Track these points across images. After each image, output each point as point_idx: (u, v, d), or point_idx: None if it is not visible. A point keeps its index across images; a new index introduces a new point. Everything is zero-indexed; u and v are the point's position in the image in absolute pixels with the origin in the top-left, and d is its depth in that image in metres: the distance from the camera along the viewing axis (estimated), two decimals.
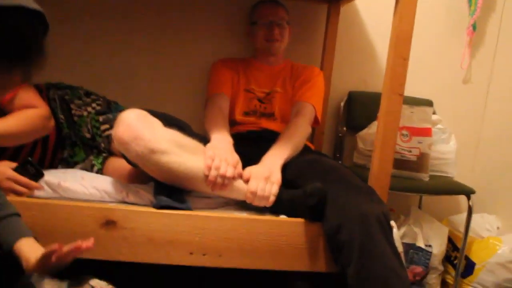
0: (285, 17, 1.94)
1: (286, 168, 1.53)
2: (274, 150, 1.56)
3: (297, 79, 1.94)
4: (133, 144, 1.31)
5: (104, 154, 1.65)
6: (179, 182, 1.38)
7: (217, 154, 1.40)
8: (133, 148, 1.31)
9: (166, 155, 1.32)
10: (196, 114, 2.09)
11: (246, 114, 1.93)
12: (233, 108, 1.92)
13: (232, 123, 1.89)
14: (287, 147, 1.58)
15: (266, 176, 1.40)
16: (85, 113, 1.65)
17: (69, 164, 1.66)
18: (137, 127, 1.32)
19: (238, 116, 1.91)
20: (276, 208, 1.41)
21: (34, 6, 0.58)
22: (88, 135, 1.64)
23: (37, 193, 1.36)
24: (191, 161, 1.36)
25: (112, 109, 1.71)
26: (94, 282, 0.99)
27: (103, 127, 1.64)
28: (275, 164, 1.49)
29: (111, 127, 1.59)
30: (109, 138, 1.62)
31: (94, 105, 1.68)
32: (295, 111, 1.82)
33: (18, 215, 1.06)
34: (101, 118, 1.65)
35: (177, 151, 1.34)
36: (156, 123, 1.37)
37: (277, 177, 1.43)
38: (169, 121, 1.43)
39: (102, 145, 1.64)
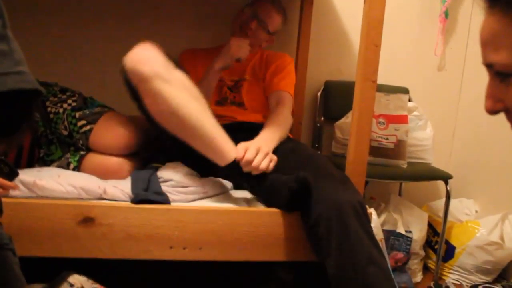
0: (275, 26, 1.93)
1: None
2: (263, 135, 1.57)
3: (268, 68, 1.93)
4: (140, 64, 1.32)
5: (81, 152, 1.63)
6: (172, 124, 1.38)
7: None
8: (140, 68, 1.32)
9: (168, 84, 1.33)
10: None
11: (218, 103, 1.91)
12: None
13: None
14: (274, 136, 1.59)
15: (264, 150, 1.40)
16: (61, 110, 1.63)
17: (46, 163, 1.64)
18: (153, 52, 1.35)
19: (211, 106, 1.88)
20: (256, 190, 1.41)
21: (31, 85, 0.57)
22: (65, 132, 1.61)
23: (12, 192, 1.34)
24: (191, 104, 1.35)
25: (88, 104, 1.67)
26: (73, 278, 0.97)
27: (80, 123, 1.61)
28: (268, 145, 1.50)
29: (88, 123, 1.58)
30: (86, 134, 1.60)
31: (69, 101, 1.65)
32: (274, 101, 1.83)
33: None
34: (77, 114, 1.62)
35: (181, 88, 1.35)
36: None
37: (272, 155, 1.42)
38: None
39: (80, 142, 1.61)
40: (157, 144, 1.73)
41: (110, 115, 1.63)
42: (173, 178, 1.43)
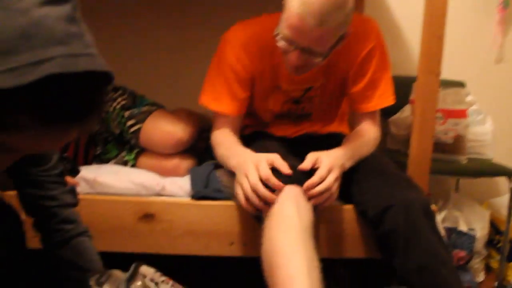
0: (330, 44, 1.21)
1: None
2: (341, 148, 1.34)
3: (349, 65, 1.43)
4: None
5: (136, 150, 1.63)
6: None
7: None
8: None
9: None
10: None
11: (279, 117, 1.56)
12: (260, 108, 1.53)
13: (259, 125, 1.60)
14: (352, 152, 1.36)
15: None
16: (111, 109, 1.62)
17: (102, 161, 1.65)
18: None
19: (268, 118, 1.58)
20: None
21: (102, 68, 0.55)
22: (117, 131, 1.62)
23: None
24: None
25: (137, 103, 1.65)
26: (143, 269, 0.98)
27: (129, 122, 1.58)
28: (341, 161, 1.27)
29: (137, 122, 1.57)
30: (136, 134, 1.58)
31: (119, 99, 1.63)
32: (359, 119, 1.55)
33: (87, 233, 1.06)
34: (126, 114, 1.60)
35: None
36: None
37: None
38: None
39: (132, 141, 1.61)
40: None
41: (157, 114, 1.61)
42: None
